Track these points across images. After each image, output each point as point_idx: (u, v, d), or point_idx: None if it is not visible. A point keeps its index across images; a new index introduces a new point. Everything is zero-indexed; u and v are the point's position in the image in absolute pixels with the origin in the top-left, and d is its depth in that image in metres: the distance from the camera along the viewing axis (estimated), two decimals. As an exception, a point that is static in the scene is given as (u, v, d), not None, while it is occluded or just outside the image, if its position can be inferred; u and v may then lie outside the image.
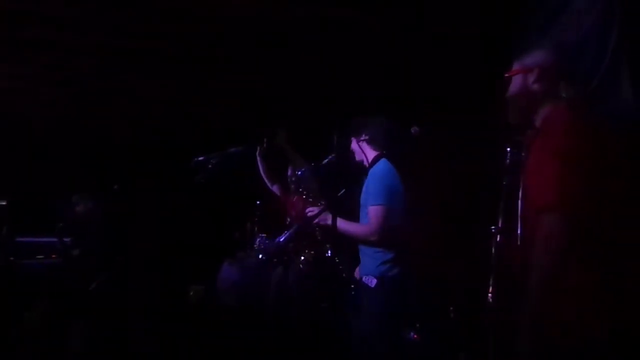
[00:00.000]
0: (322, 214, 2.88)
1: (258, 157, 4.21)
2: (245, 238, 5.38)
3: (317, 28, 3.52)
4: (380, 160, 2.94)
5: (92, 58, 4.05)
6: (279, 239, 3.05)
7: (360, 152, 3.03)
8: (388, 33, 3.60)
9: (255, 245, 4.94)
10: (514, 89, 1.87)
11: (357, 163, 3.07)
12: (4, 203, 5.68)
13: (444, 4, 3.24)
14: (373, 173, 2.93)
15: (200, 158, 3.69)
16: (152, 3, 3.21)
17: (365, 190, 2.92)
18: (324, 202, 3.33)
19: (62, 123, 5.88)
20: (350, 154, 3.12)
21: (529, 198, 1.83)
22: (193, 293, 5.91)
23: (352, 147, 3.09)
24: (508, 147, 2.21)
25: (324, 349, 3.59)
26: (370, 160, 2.97)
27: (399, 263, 2.86)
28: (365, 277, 2.86)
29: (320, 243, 3.54)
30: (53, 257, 5.62)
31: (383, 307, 2.81)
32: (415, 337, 3.94)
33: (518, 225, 2.06)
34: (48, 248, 5.62)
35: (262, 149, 4.17)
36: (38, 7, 3.22)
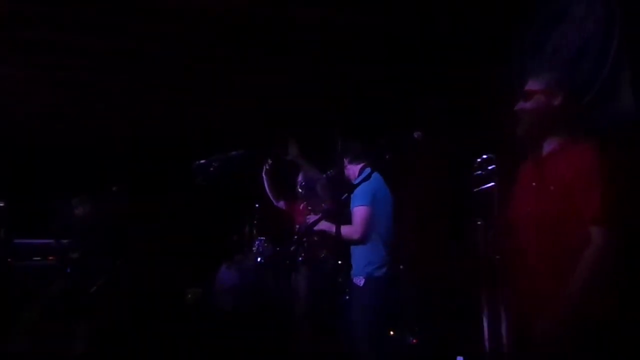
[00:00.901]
0: (319, 221, 2.98)
1: (264, 175, 4.31)
2: (244, 241, 5.40)
3: (317, 30, 3.56)
4: (365, 170, 3.16)
5: (91, 58, 4.05)
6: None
7: (348, 169, 3.34)
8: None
9: (254, 248, 4.97)
10: (535, 106, 1.89)
11: (348, 180, 3.36)
12: (2, 204, 5.67)
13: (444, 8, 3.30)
14: (358, 182, 3.15)
15: (202, 161, 3.69)
16: (152, 3, 3.23)
17: (352, 197, 3.11)
18: (324, 210, 3.52)
19: (61, 124, 5.86)
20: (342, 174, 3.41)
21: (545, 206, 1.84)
22: (191, 295, 5.92)
23: (344, 165, 3.38)
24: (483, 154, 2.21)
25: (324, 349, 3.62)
26: (357, 174, 3.25)
27: (387, 264, 3.04)
28: (356, 277, 3.04)
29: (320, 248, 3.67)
30: (50, 258, 5.61)
31: (369, 305, 2.97)
32: (415, 341, 3.96)
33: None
34: (46, 250, 5.61)
35: (268, 168, 4.27)
36: (38, 7, 3.23)
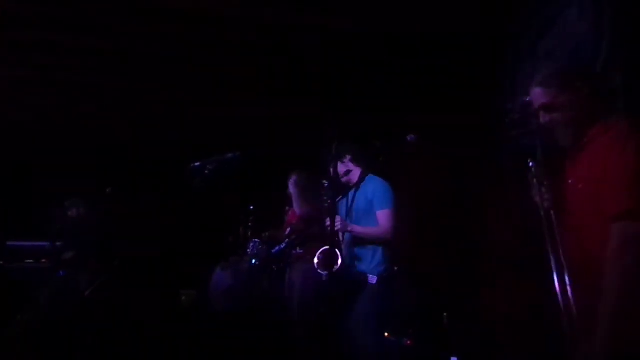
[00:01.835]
0: (342, 223, 3.10)
1: (295, 186, 4.26)
2: (239, 243, 5.39)
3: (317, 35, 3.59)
4: (369, 175, 3.19)
5: (91, 58, 4.04)
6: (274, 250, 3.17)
7: (347, 172, 3.32)
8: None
9: (249, 250, 4.97)
10: (568, 108, 1.83)
11: (343, 184, 3.33)
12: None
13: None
14: (374, 185, 3.24)
15: (197, 164, 3.68)
16: (152, 3, 3.24)
17: (365, 199, 3.21)
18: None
19: (57, 125, 5.84)
20: (338, 177, 3.34)
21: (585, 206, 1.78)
22: (185, 297, 5.89)
23: (338, 170, 3.32)
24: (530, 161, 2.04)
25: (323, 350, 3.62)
26: (358, 176, 3.23)
27: (395, 263, 3.19)
28: (370, 276, 3.14)
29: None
30: (43, 261, 5.59)
31: (380, 304, 3.11)
32: (409, 343, 3.98)
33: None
34: (38, 252, 5.59)
35: (300, 177, 4.26)
36: (38, 8, 3.24)
